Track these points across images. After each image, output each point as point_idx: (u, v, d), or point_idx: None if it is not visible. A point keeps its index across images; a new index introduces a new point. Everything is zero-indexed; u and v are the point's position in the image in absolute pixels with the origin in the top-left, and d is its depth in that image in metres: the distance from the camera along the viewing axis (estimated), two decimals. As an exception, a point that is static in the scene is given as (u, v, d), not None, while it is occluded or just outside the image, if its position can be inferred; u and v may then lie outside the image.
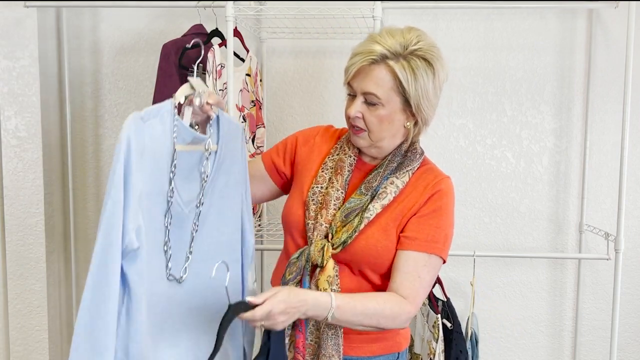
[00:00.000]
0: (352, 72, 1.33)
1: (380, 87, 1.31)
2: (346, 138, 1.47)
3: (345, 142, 1.46)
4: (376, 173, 1.39)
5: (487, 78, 2.38)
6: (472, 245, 2.40)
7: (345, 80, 1.36)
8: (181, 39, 2.13)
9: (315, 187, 1.41)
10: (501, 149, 2.40)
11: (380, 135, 1.37)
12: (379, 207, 1.36)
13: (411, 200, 1.39)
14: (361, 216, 1.35)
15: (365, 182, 1.39)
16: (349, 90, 1.37)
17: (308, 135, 1.52)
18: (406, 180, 1.39)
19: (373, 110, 1.34)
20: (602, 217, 2.39)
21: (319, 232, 1.37)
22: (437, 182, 1.41)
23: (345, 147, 1.45)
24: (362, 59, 1.31)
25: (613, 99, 2.34)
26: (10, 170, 2.31)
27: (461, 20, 2.36)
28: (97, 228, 1.10)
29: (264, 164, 1.55)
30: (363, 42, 1.36)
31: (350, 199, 1.37)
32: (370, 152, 1.42)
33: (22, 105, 2.29)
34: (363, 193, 1.37)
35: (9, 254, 2.32)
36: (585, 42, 2.33)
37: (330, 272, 1.34)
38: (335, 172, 1.41)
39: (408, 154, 1.42)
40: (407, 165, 1.41)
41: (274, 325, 1.21)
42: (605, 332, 2.41)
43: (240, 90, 2.08)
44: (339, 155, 1.44)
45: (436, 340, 1.97)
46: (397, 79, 1.31)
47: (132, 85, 2.47)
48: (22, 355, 2.37)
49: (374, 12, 1.88)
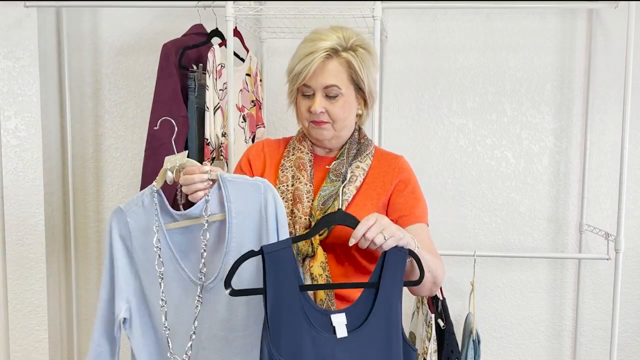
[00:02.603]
0: (311, 71, 1.39)
1: (339, 78, 1.41)
2: (297, 139, 1.52)
3: (296, 143, 1.51)
4: (340, 161, 1.46)
5: (487, 78, 2.38)
6: (472, 245, 2.40)
7: (301, 82, 1.41)
8: (181, 39, 2.13)
9: (280, 186, 1.44)
10: (501, 149, 2.40)
11: (344, 124, 1.45)
12: (353, 189, 1.42)
13: (381, 180, 1.46)
14: (339, 200, 1.40)
15: (332, 170, 1.45)
16: (304, 91, 1.43)
17: (257, 150, 1.55)
18: (369, 163, 1.48)
19: (335, 102, 1.42)
20: (602, 217, 2.39)
21: (300, 225, 1.39)
22: (400, 162, 1.51)
23: (298, 147, 1.50)
24: (318, 56, 1.38)
25: (613, 99, 2.34)
26: (10, 170, 2.31)
27: (461, 20, 2.36)
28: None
29: None
30: (306, 44, 1.42)
31: (323, 187, 1.42)
32: (331, 143, 1.48)
33: (22, 105, 2.29)
34: (333, 180, 1.43)
35: (9, 254, 2.32)
36: (585, 42, 2.33)
37: (321, 257, 1.38)
38: (298, 169, 1.45)
39: (361, 140, 1.51)
40: (365, 150, 1.49)
41: (392, 230, 1.21)
42: (605, 332, 2.41)
43: (240, 90, 2.08)
44: (295, 154, 1.49)
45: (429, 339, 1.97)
46: (352, 68, 1.41)
47: (132, 85, 2.47)
48: (22, 355, 2.37)
49: (374, 12, 1.89)
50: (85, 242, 2.54)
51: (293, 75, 1.43)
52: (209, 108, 1.99)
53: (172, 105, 2.05)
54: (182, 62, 2.07)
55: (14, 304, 2.35)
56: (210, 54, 1.98)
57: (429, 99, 2.41)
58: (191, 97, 2.08)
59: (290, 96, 1.48)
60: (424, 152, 2.42)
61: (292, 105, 1.50)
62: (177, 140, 2.10)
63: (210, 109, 1.99)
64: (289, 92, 1.48)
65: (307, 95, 1.43)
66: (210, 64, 1.97)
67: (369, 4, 1.90)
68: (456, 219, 2.43)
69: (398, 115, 2.42)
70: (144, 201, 1.28)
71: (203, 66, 2.08)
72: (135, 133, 2.49)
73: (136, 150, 2.48)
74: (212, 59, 1.97)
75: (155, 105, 2.07)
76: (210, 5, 2.09)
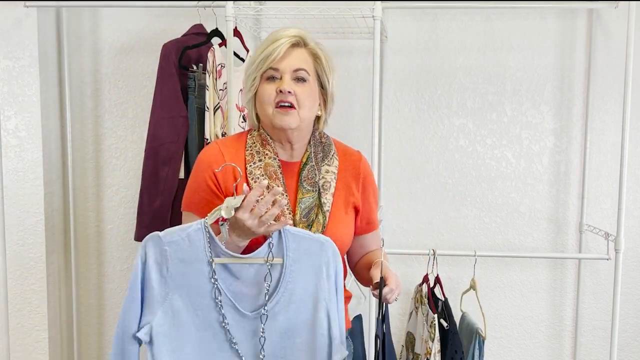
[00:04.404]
0: (280, 53, 1.34)
1: (307, 64, 1.38)
2: (259, 143, 1.42)
3: (259, 147, 1.41)
4: (310, 167, 1.41)
5: (487, 78, 2.38)
6: (472, 245, 2.40)
7: (269, 64, 1.36)
8: (181, 39, 2.13)
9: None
10: (501, 149, 2.40)
11: (308, 113, 1.39)
12: (330, 197, 1.41)
13: (350, 184, 1.45)
14: (322, 211, 1.39)
15: (304, 179, 1.40)
16: (271, 74, 1.37)
17: (211, 161, 1.39)
18: (337, 164, 1.45)
19: (303, 87, 1.37)
20: (602, 217, 2.39)
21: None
22: (362, 162, 1.49)
23: (262, 151, 1.41)
24: (286, 42, 1.36)
25: (613, 99, 2.34)
26: (10, 170, 2.31)
27: (461, 20, 2.36)
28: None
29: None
30: (271, 38, 1.38)
31: (302, 199, 1.38)
32: (293, 136, 1.39)
33: (22, 105, 2.29)
34: (309, 190, 1.39)
35: (9, 254, 2.32)
36: (585, 42, 2.33)
37: None
38: (270, 178, 1.37)
39: (322, 139, 1.47)
40: (329, 150, 1.46)
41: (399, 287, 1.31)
42: (605, 332, 2.41)
43: (240, 90, 2.08)
44: (262, 161, 1.39)
45: (432, 339, 1.97)
46: (317, 61, 1.39)
47: (132, 85, 2.47)
48: (22, 355, 2.37)
49: (374, 12, 1.89)
50: (85, 242, 2.54)
51: (259, 61, 1.35)
52: (209, 108, 1.99)
53: (172, 105, 2.05)
54: (182, 62, 2.07)
55: (14, 304, 2.35)
56: (210, 54, 1.98)
57: (429, 99, 2.41)
58: (191, 97, 2.08)
59: (251, 86, 1.39)
60: (424, 152, 2.42)
61: (249, 98, 1.41)
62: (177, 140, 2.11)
63: (210, 109, 1.99)
64: (249, 82, 1.39)
65: (273, 78, 1.37)
66: (210, 64, 1.97)
67: (369, 4, 1.90)
68: (456, 219, 2.43)
69: (398, 115, 2.42)
70: (189, 234, 1.28)
71: (203, 66, 2.08)
72: (135, 133, 2.49)
73: (136, 150, 2.48)
74: (212, 59, 1.97)
75: (155, 105, 2.08)
76: (210, 5, 2.09)
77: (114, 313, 2.57)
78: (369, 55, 1.92)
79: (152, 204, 2.10)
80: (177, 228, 1.29)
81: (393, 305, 2.57)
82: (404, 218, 2.44)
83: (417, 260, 2.37)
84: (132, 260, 2.54)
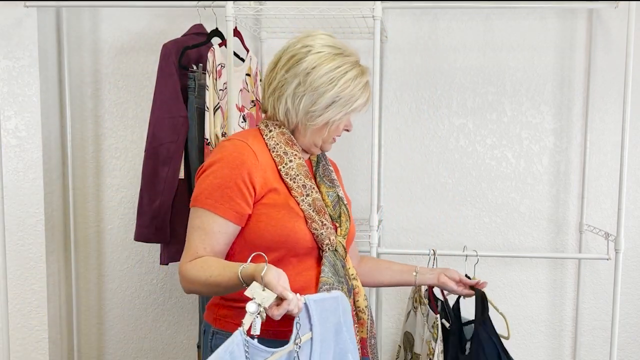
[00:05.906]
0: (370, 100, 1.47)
1: None
2: (285, 143, 1.41)
3: (285, 147, 1.41)
4: (323, 164, 1.54)
5: (487, 78, 2.38)
6: (472, 245, 2.40)
7: (362, 110, 1.45)
8: (181, 39, 2.13)
9: (302, 200, 1.37)
10: (501, 149, 2.40)
11: None
12: (342, 190, 1.54)
13: (336, 173, 1.60)
14: (343, 204, 1.50)
15: (322, 176, 1.51)
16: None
17: (245, 159, 1.34)
18: (328, 158, 1.59)
19: None
20: (602, 217, 2.39)
21: (328, 234, 1.40)
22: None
23: (288, 151, 1.40)
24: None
25: (613, 99, 2.34)
26: (10, 170, 2.31)
27: (461, 20, 2.36)
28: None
29: (233, 221, 1.33)
30: (366, 71, 1.47)
31: (328, 192, 1.49)
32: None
33: (22, 105, 2.29)
34: (330, 185, 1.51)
35: (9, 254, 2.32)
36: (585, 42, 2.33)
37: (362, 291, 1.49)
38: (306, 177, 1.40)
39: None
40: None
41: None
42: (605, 332, 2.41)
43: (240, 90, 2.08)
44: (292, 161, 1.40)
45: (435, 340, 1.96)
46: None
47: (132, 85, 2.47)
48: (22, 355, 2.37)
49: (374, 12, 1.88)
50: (85, 242, 2.54)
51: (357, 105, 1.41)
52: (208, 108, 1.99)
53: (172, 105, 2.05)
54: (182, 62, 2.07)
55: (14, 304, 2.35)
56: (210, 54, 1.98)
57: (429, 99, 2.41)
58: (191, 97, 2.08)
59: (337, 120, 1.41)
60: (424, 152, 2.42)
61: (323, 125, 1.41)
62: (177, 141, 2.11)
63: (210, 109, 1.99)
64: (336, 115, 1.39)
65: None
66: (210, 64, 1.97)
67: (369, 4, 1.90)
68: (456, 219, 2.43)
69: (398, 115, 2.42)
70: (233, 351, 1.16)
71: (203, 66, 2.08)
72: (135, 133, 2.49)
73: (136, 150, 2.48)
74: (212, 59, 1.97)
75: (155, 105, 2.07)
76: (210, 5, 2.09)
77: (114, 313, 2.57)
78: (368, 55, 1.92)
79: (152, 204, 2.10)
80: (221, 350, 1.13)
81: (389, 304, 2.58)
82: (404, 218, 2.44)
83: (417, 260, 2.37)
84: (131, 260, 2.54)
